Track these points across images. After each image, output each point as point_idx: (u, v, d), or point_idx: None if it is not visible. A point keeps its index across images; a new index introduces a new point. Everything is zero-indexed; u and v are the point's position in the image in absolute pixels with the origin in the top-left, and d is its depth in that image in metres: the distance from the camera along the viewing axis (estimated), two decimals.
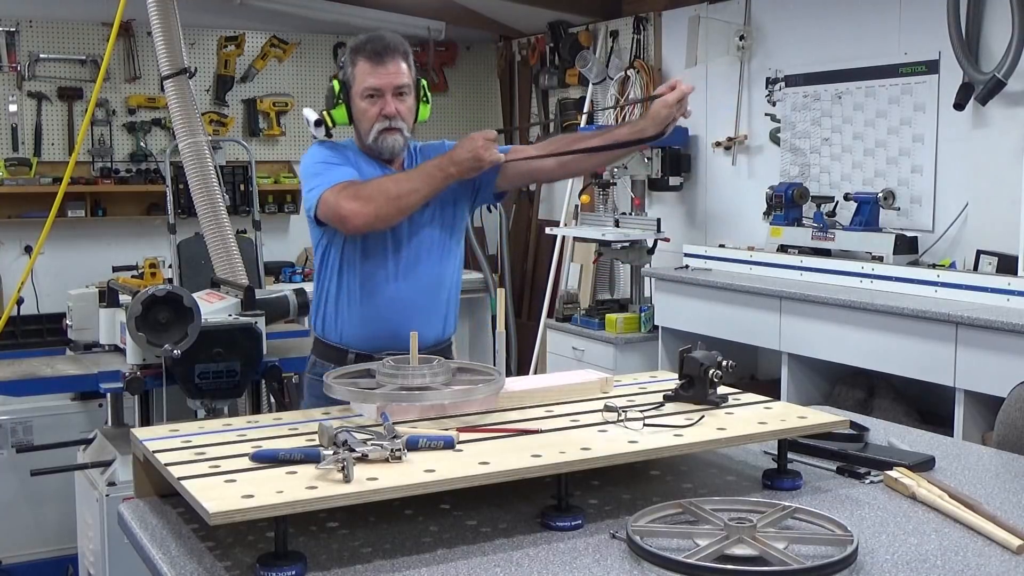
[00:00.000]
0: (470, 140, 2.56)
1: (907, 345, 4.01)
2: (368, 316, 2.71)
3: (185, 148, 4.04)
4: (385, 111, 2.66)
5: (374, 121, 2.67)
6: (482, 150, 2.54)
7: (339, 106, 2.71)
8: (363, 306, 2.71)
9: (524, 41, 7.28)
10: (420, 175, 2.59)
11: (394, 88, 2.66)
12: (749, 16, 5.49)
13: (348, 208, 2.54)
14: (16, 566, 4.05)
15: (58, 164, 6.14)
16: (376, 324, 2.70)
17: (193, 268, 4.95)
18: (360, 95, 2.67)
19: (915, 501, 1.93)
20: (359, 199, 2.54)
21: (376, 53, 2.65)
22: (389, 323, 2.69)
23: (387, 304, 2.70)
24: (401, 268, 2.70)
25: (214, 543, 1.75)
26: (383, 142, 2.69)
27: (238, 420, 2.16)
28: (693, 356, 2.19)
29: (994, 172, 4.33)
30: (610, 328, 5.43)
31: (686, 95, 2.56)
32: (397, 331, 2.64)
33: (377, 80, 2.65)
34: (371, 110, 2.67)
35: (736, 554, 1.61)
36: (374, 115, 2.67)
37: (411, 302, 2.70)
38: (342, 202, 2.55)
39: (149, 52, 5.49)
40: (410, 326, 2.63)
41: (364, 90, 2.66)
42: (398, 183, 2.58)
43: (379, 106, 2.66)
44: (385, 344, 2.64)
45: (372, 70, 2.65)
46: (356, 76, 2.68)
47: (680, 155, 5.78)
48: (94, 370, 3.27)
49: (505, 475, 1.75)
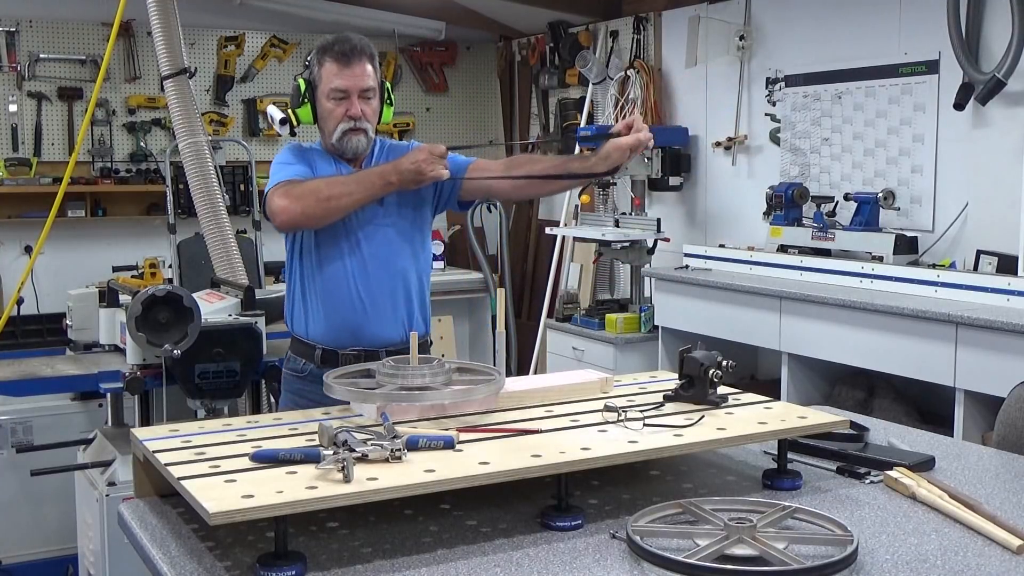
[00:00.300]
0: (417, 152, 2.59)
1: (907, 345, 4.01)
2: (329, 314, 2.74)
3: (185, 148, 4.04)
4: (350, 112, 2.69)
5: (339, 121, 2.70)
6: (425, 164, 2.56)
7: (304, 105, 2.74)
8: (324, 304, 2.74)
9: (524, 41, 7.28)
10: (359, 180, 2.62)
11: (360, 90, 2.69)
12: (749, 16, 5.49)
13: (277, 205, 2.59)
14: (16, 566, 4.05)
15: (58, 164, 6.13)
16: (337, 322, 2.73)
17: (193, 268, 4.95)
18: (326, 96, 2.70)
19: (915, 501, 1.93)
20: (289, 197, 2.59)
21: (343, 55, 2.68)
22: (349, 321, 2.72)
23: (346, 303, 2.72)
24: (360, 268, 2.71)
25: (214, 543, 1.75)
26: (347, 142, 2.71)
27: (238, 420, 2.17)
28: (693, 356, 2.19)
29: (994, 172, 4.33)
30: (610, 328, 5.43)
31: (642, 144, 2.56)
32: (356, 330, 2.71)
33: (344, 82, 2.68)
34: (336, 110, 2.70)
35: (736, 554, 1.62)
36: (339, 115, 2.70)
37: (370, 301, 2.72)
38: (274, 198, 2.61)
39: (149, 52, 5.49)
40: (370, 325, 2.71)
41: (331, 91, 2.69)
42: (332, 185, 2.61)
43: (344, 107, 2.69)
44: (347, 341, 2.71)
45: (339, 71, 2.68)
46: (323, 77, 2.70)
47: (680, 155, 5.78)
48: (94, 370, 3.28)
49: (505, 475, 1.75)
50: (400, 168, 2.58)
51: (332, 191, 2.59)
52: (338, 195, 2.58)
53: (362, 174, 2.64)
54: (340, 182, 2.62)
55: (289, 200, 2.58)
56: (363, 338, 2.71)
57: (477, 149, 3.03)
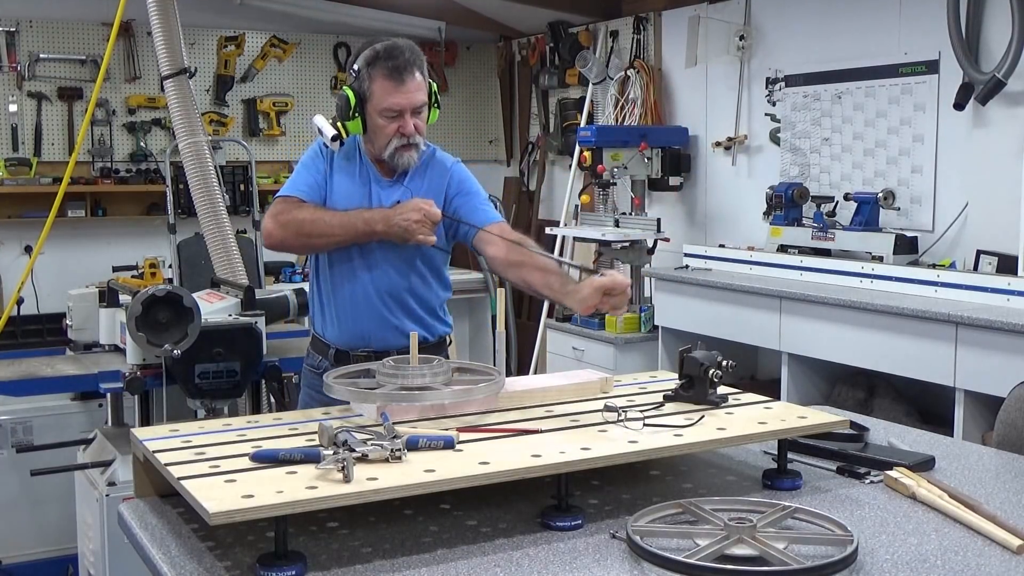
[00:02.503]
0: (412, 210, 2.56)
1: (907, 345, 4.01)
2: (342, 316, 2.75)
3: (185, 148, 4.04)
4: (404, 130, 2.64)
5: (391, 137, 2.65)
6: (415, 226, 2.55)
7: (355, 119, 2.67)
8: (337, 306, 2.75)
9: (524, 41, 7.28)
10: (345, 223, 2.61)
11: (413, 107, 2.64)
12: (749, 16, 5.49)
13: (267, 226, 2.67)
14: (16, 566, 4.05)
15: (58, 164, 6.14)
16: (347, 324, 2.74)
17: (193, 268, 4.94)
18: (379, 113, 2.64)
19: (915, 501, 1.93)
20: (277, 221, 2.64)
21: (397, 70, 2.60)
22: (358, 324, 2.73)
23: (352, 307, 2.73)
24: (367, 273, 2.71)
25: (214, 543, 1.75)
26: (399, 158, 2.68)
27: (238, 420, 2.17)
28: (693, 356, 2.19)
29: (994, 172, 4.33)
30: (610, 328, 5.43)
31: (620, 288, 2.38)
32: (367, 333, 2.73)
33: (398, 100, 2.61)
34: (389, 127, 2.64)
35: (736, 554, 1.62)
36: (391, 132, 2.64)
37: (377, 307, 2.72)
38: (267, 217, 2.67)
39: (149, 52, 5.49)
40: (378, 329, 2.72)
41: (384, 110, 2.63)
42: (316, 223, 2.62)
43: (397, 124, 2.64)
44: (357, 343, 2.74)
45: (393, 89, 2.61)
46: (374, 92, 2.63)
47: (680, 155, 5.78)
48: (94, 370, 3.27)
49: (505, 475, 1.75)
50: (390, 221, 2.57)
51: (315, 228, 2.62)
52: (318, 235, 2.63)
53: (349, 217, 2.62)
54: (326, 222, 2.63)
55: (275, 225, 2.64)
56: (374, 341, 2.72)
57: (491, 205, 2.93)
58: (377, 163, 2.74)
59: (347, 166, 2.72)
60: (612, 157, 5.51)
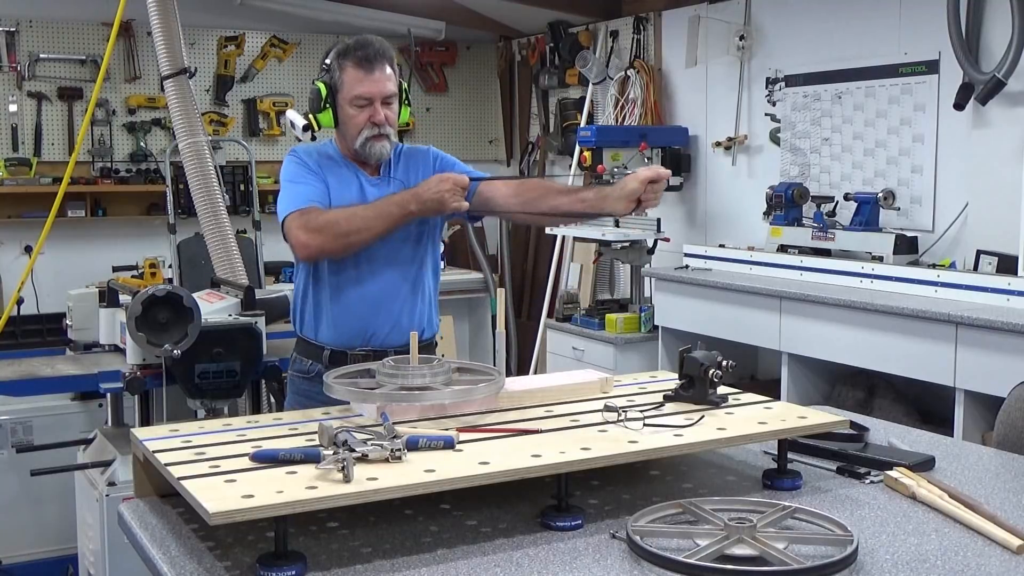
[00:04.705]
0: (440, 182, 2.57)
1: (907, 345, 4.01)
2: (338, 315, 2.74)
3: (185, 148, 4.04)
4: (374, 119, 2.68)
5: (362, 127, 2.69)
6: (448, 195, 2.56)
7: (325, 110, 2.72)
8: (333, 305, 2.75)
9: (524, 41, 7.28)
10: (378, 212, 2.61)
11: (383, 96, 2.68)
12: (749, 16, 5.49)
13: (297, 239, 2.62)
14: (16, 566, 4.05)
15: (58, 164, 6.14)
16: (345, 323, 2.74)
17: (193, 268, 4.94)
18: (349, 102, 2.68)
19: (915, 501, 1.93)
20: (308, 231, 2.60)
21: (366, 60, 2.66)
22: (357, 323, 2.73)
23: (354, 305, 2.73)
24: (367, 271, 2.71)
25: (214, 543, 1.75)
26: (371, 148, 2.70)
27: (238, 420, 2.17)
28: (693, 356, 2.19)
29: (994, 172, 4.33)
30: (610, 328, 5.43)
31: (662, 178, 2.50)
32: (365, 331, 2.73)
33: (367, 89, 2.66)
34: (359, 117, 2.68)
35: (736, 554, 1.61)
36: (362, 122, 2.68)
37: (377, 304, 2.73)
38: (293, 230, 2.62)
39: (149, 52, 5.49)
40: (378, 326, 2.72)
41: (354, 98, 2.67)
42: (351, 219, 2.60)
43: (367, 113, 2.68)
44: (355, 342, 2.73)
45: (362, 78, 2.66)
46: (344, 83, 2.68)
47: (680, 155, 5.78)
48: (94, 370, 3.27)
49: (505, 475, 1.75)
50: (422, 198, 2.57)
51: (352, 225, 2.59)
52: (357, 230, 2.59)
53: (381, 204, 2.62)
54: (360, 215, 2.61)
55: (308, 235, 2.59)
56: (372, 339, 2.72)
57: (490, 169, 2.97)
58: (358, 163, 2.76)
59: (333, 170, 2.74)
60: (612, 157, 5.51)
